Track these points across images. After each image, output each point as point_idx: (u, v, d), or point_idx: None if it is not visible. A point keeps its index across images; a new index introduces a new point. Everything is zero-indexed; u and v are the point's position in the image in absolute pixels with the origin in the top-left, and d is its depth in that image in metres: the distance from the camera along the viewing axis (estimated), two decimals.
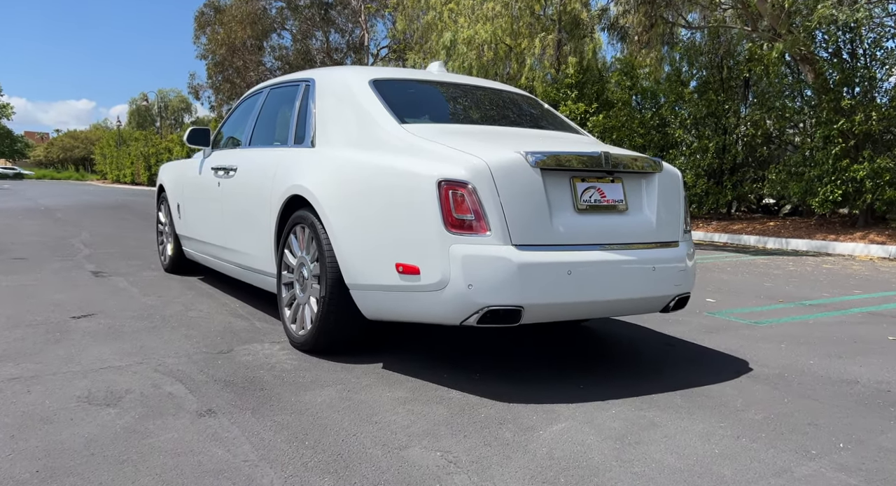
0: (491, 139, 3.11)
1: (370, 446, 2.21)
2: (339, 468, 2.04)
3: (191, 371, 2.96)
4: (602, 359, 3.48)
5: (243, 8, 22.11)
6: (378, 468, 2.04)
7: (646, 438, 2.38)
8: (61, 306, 4.29)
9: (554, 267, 2.76)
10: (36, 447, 2.08)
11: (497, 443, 2.28)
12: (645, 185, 3.15)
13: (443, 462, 2.11)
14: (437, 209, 2.72)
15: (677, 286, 3.13)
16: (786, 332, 4.26)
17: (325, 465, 2.05)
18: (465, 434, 2.36)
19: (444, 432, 2.37)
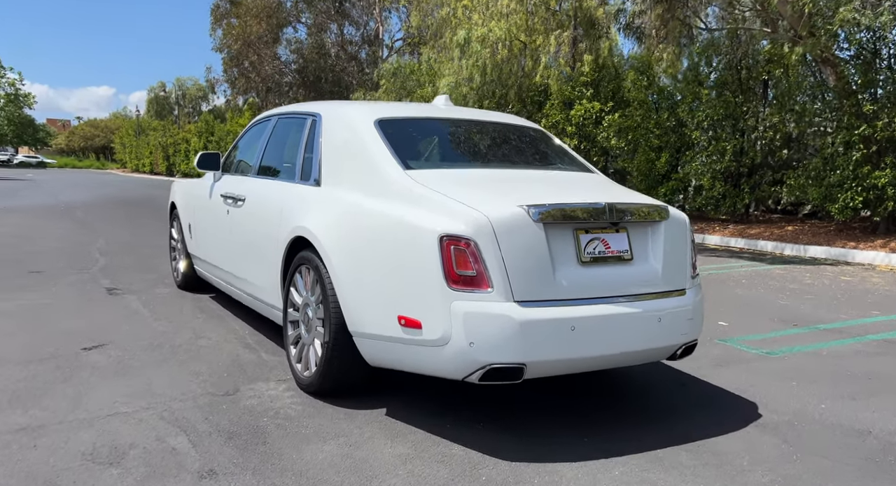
0: (495, 188, 3.08)
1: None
2: None
3: (195, 419, 2.98)
4: (609, 401, 3.45)
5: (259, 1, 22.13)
6: None
7: None
8: (73, 335, 4.33)
9: (557, 323, 2.73)
10: None
11: None
12: (651, 233, 3.10)
13: None
14: (439, 264, 2.70)
15: (684, 335, 3.09)
16: (798, 365, 4.19)
17: None
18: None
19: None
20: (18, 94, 67.06)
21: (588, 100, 13.97)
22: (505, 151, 3.89)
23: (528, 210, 2.76)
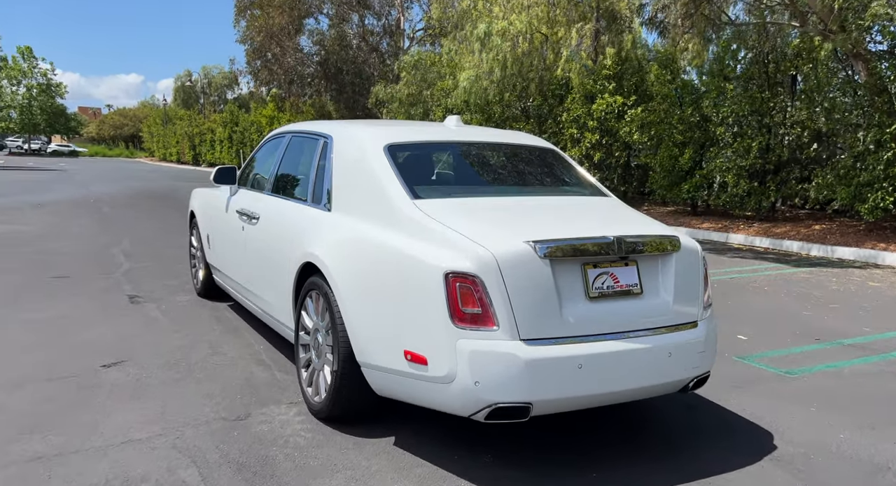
0: (504, 219, 3.05)
1: None
2: None
3: (206, 448, 3.03)
4: (618, 432, 3.42)
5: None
6: None
7: None
8: (93, 349, 4.42)
9: (564, 362, 2.71)
10: None
11: None
12: (661, 265, 3.05)
13: None
14: (444, 302, 2.69)
15: (696, 368, 3.05)
16: (818, 386, 4.12)
17: None
18: None
19: None
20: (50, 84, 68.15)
21: (610, 94, 13.78)
22: (516, 175, 3.86)
23: (535, 246, 2.73)
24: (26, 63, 65.91)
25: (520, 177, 3.85)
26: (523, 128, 16.32)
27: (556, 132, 15.43)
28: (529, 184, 3.80)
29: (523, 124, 16.37)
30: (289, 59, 23.60)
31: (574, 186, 3.83)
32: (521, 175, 3.86)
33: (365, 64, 23.31)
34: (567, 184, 3.84)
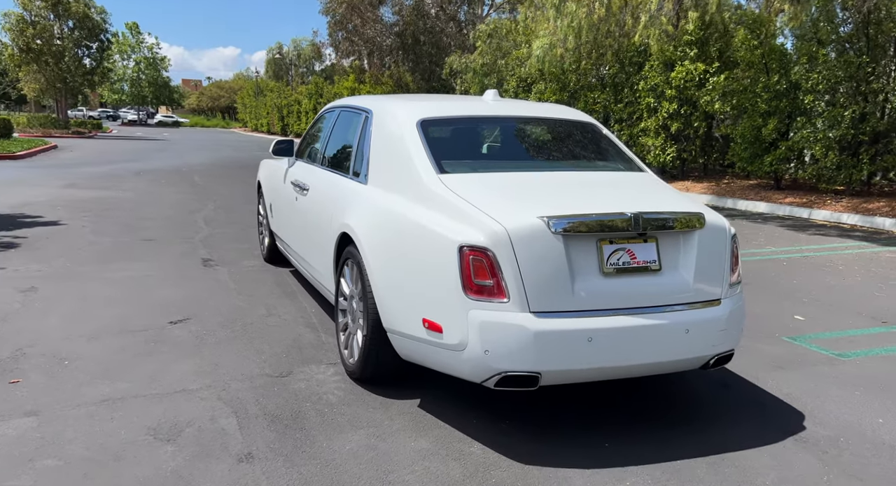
0: (525, 194, 3.11)
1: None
2: None
3: (247, 401, 3.32)
4: (645, 404, 3.47)
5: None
6: None
7: None
8: (164, 307, 4.85)
9: (573, 334, 2.78)
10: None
11: None
12: (683, 242, 3.04)
13: None
14: (458, 274, 2.81)
15: (715, 346, 3.05)
16: (870, 371, 3.98)
17: None
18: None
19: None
20: (156, 57, 71.93)
21: (691, 61, 13.19)
22: (549, 149, 3.88)
23: (548, 222, 2.80)
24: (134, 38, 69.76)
25: (552, 152, 3.87)
26: (599, 97, 15.93)
27: (632, 102, 14.97)
28: (561, 159, 3.82)
29: (599, 93, 15.97)
30: (368, 30, 23.91)
31: (609, 161, 3.82)
32: (553, 150, 3.89)
33: (442, 34, 23.28)
34: (602, 159, 3.83)
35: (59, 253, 6.57)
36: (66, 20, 43.37)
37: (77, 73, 42.52)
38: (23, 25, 40.74)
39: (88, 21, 44.03)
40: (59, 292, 5.15)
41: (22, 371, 3.57)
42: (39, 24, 41.37)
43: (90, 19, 44.23)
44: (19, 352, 3.85)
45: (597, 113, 16.09)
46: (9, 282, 5.42)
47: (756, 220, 10.57)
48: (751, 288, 5.90)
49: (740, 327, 3.20)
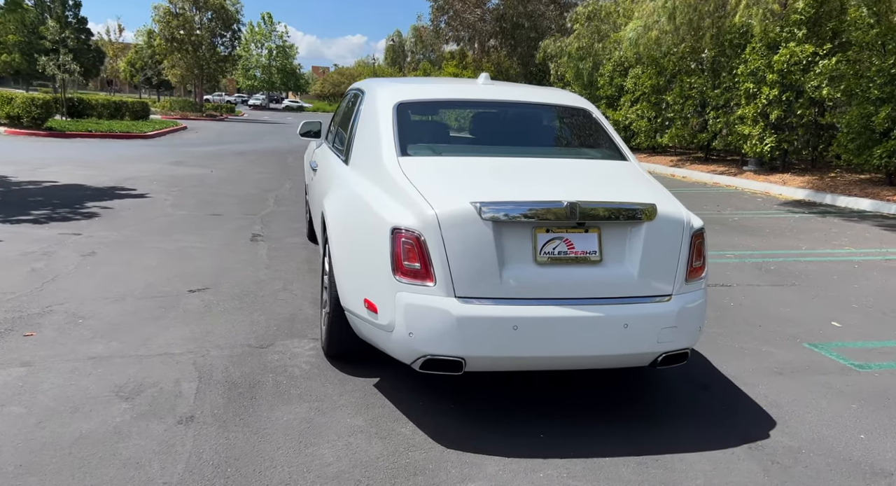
0: (470, 179, 3.05)
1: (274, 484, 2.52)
2: None
3: (218, 368, 3.50)
4: (606, 397, 3.33)
5: None
6: None
7: None
8: (193, 276, 5.19)
9: (497, 322, 2.72)
10: (43, 439, 2.74)
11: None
12: (630, 234, 2.86)
13: None
14: (389, 256, 2.82)
15: (661, 344, 2.87)
16: (882, 385, 3.61)
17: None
18: (370, 484, 2.54)
19: (355, 476, 2.58)
20: (285, 45, 75.84)
21: (798, 42, 12.10)
22: (526, 135, 3.75)
23: (479, 208, 2.74)
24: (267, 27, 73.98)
25: (530, 137, 3.74)
26: (695, 82, 15.02)
27: (731, 87, 13.99)
28: (537, 144, 3.69)
29: (695, 78, 15.06)
30: (469, 14, 23.87)
31: (591, 148, 3.65)
32: (532, 135, 3.75)
33: (542, 17, 22.79)
34: (584, 145, 3.66)
35: (133, 223, 7.19)
36: (204, 12, 46.68)
37: (212, 60, 45.71)
38: (169, 17, 44.35)
39: (223, 12, 47.20)
40: (111, 258, 5.64)
41: (40, 326, 3.98)
42: (182, 16, 44.88)
43: (225, 10, 47.37)
44: (47, 309, 4.28)
45: (693, 99, 15.20)
46: (77, 247, 6.01)
47: (851, 218, 9.63)
48: (798, 289, 5.44)
49: (697, 326, 2.98)
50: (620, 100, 18.24)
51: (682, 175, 14.83)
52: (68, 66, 23.13)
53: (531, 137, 3.78)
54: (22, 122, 19.82)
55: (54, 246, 5.96)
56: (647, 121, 17.07)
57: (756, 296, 5.26)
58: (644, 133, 17.27)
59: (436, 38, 26.46)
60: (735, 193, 12.34)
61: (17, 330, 3.88)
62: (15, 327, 3.92)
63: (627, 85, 17.54)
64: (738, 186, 13.01)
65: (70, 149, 15.48)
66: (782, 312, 4.85)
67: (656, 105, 16.62)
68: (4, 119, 20.12)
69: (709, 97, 14.71)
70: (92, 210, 7.85)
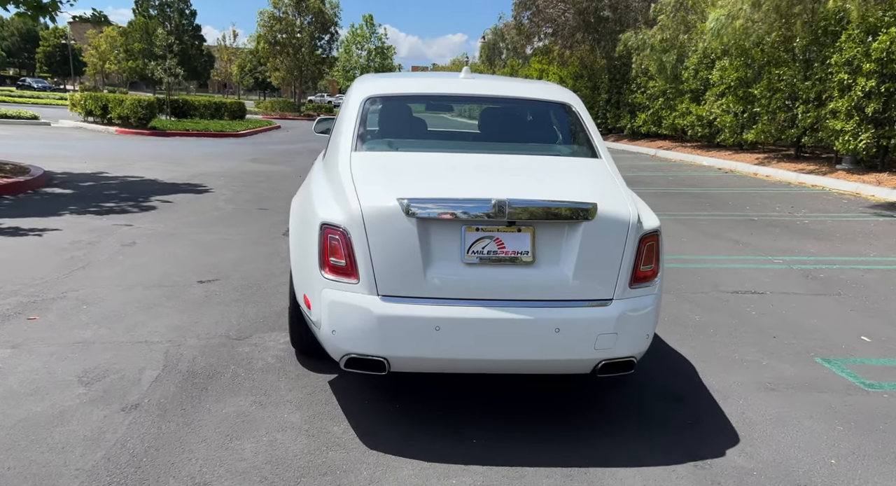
0: (411, 176, 2.93)
1: (179, 480, 2.53)
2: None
3: (187, 357, 3.57)
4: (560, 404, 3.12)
5: None
6: None
7: None
8: (213, 267, 5.35)
9: (419, 322, 2.60)
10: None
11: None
12: (566, 235, 2.65)
13: None
14: (318, 252, 2.77)
15: (599, 351, 2.64)
16: (885, 408, 3.22)
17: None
18: (275, 482, 2.49)
19: (264, 473, 2.55)
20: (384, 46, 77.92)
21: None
22: (493, 130, 3.57)
23: (404, 204, 2.62)
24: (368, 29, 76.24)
25: (498, 132, 3.55)
26: (784, 74, 13.91)
27: (823, 78, 12.84)
28: (500, 140, 3.50)
29: (784, 69, 13.95)
30: (551, 9, 23.32)
31: (561, 144, 3.43)
32: (499, 130, 3.57)
33: (628, 10, 21.88)
34: (553, 141, 3.45)
35: (182, 216, 7.54)
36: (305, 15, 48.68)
37: (310, 62, 47.57)
38: (273, 21, 46.62)
39: (322, 16, 49.03)
40: (146, 249, 5.93)
41: (47, 310, 4.22)
42: (285, 20, 47.06)
43: (324, 14, 49.18)
44: (62, 294, 4.55)
45: (781, 92, 14.10)
46: (121, 237, 6.37)
47: None
48: (840, 299, 4.92)
49: (643, 334, 2.73)
50: (706, 94, 17.24)
51: (766, 174, 13.81)
52: (173, 70, 24.82)
53: (501, 133, 3.60)
54: (130, 122, 21.42)
55: (103, 236, 6.35)
56: (732, 116, 16.03)
57: (786, 305, 4.78)
58: (729, 129, 16.23)
59: (517, 35, 26.02)
60: (820, 193, 11.35)
61: (25, 314, 4.14)
62: (24, 311, 4.18)
63: (713, 78, 16.53)
64: (826, 186, 11.96)
65: (164, 147, 16.51)
66: (809, 323, 4.38)
67: (743, 99, 15.57)
68: (117, 120, 21.82)
69: (798, 90, 13.60)
70: (152, 203, 8.32)
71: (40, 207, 7.67)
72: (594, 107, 26.17)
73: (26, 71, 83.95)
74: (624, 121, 23.43)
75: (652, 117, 20.86)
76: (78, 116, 23.88)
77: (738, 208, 9.40)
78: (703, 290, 5.15)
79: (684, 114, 18.47)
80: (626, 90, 23.02)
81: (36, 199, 8.28)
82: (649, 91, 20.70)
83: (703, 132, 17.84)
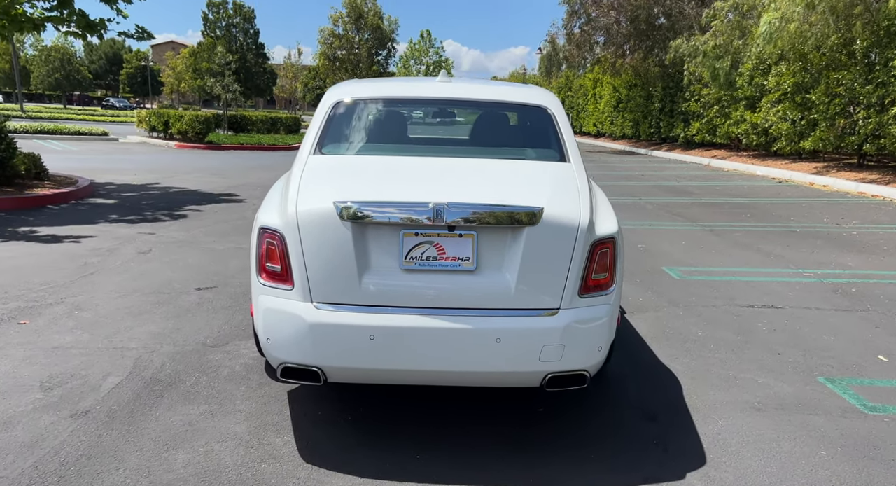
0: (357, 179, 2.80)
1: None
2: None
3: (156, 364, 3.55)
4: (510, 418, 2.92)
5: None
6: None
7: None
8: (216, 275, 5.37)
9: (352, 330, 2.47)
10: None
11: None
12: (511, 240, 2.47)
13: None
14: (256, 257, 2.69)
15: (546, 363, 2.45)
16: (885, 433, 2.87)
17: None
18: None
19: (189, 485, 2.46)
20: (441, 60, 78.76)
21: None
22: (460, 134, 3.42)
23: (339, 207, 2.50)
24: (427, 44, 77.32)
25: (464, 136, 3.40)
26: (843, 77, 13.11)
27: (885, 82, 12.03)
28: (469, 143, 3.34)
29: (844, 73, 13.16)
30: (603, 18, 22.83)
31: (528, 148, 3.25)
32: (468, 133, 3.41)
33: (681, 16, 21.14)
34: (522, 145, 3.27)
35: (206, 225, 7.67)
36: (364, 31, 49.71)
37: (368, 77, 48.66)
38: (333, 38, 47.78)
39: (380, 31, 49.93)
40: (160, 256, 6.02)
41: (39, 315, 4.29)
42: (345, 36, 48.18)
43: (382, 30, 50.08)
44: (60, 300, 4.63)
45: (841, 97, 13.31)
46: (140, 245, 6.50)
47: None
48: (865, 316, 4.52)
49: (595, 346, 2.51)
50: (762, 100, 16.47)
51: (823, 184, 13.01)
52: (231, 87, 25.70)
53: (469, 137, 3.45)
54: (189, 136, 22.26)
55: (124, 244, 6.50)
56: (789, 123, 15.23)
57: (804, 321, 4.40)
58: (785, 137, 15.42)
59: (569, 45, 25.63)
60: (879, 204, 10.59)
61: (17, 318, 4.23)
62: (18, 316, 4.27)
63: (769, 84, 15.78)
64: (888, 196, 11.15)
65: (216, 159, 17.02)
66: (823, 341, 4.00)
67: (800, 105, 14.78)
68: (177, 135, 22.74)
69: (859, 94, 12.79)
70: (184, 212, 8.51)
71: (79, 216, 7.95)
72: (647, 116, 25.49)
73: (111, 92, 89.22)
74: (678, 130, 22.70)
75: (706, 126, 20.11)
76: (143, 131, 25.02)
77: (782, 219, 8.85)
78: (715, 303, 4.81)
79: (739, 121, 17.72)
80: (679, 98, 22.32)
81: (79, 209, 8.60)
82: (703, 99, 19.98)
83: (758, 141, 17.04)
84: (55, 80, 74.74)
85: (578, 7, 23.73)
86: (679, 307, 4.68)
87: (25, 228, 7.13)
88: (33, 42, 79.43)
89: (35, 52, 79.27)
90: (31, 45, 79.65)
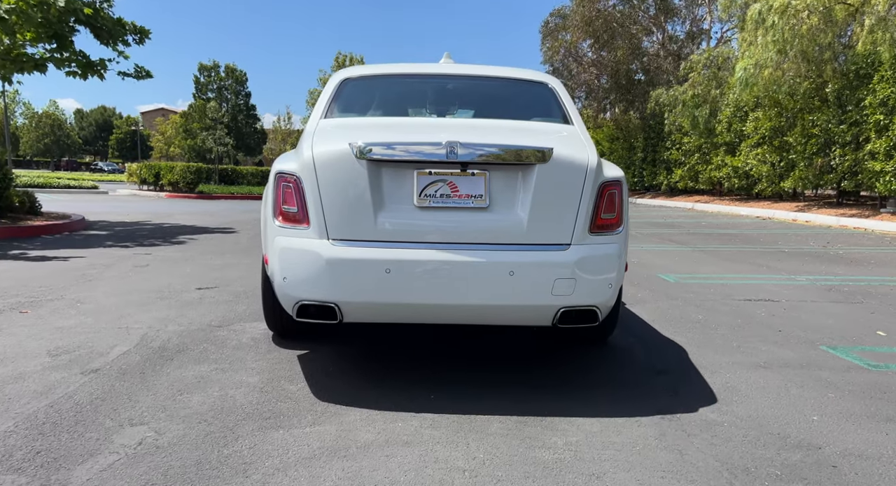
0: (370, 131, 2.92)
1: (115, 421, 2.45)
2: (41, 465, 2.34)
3: (161, 338, 3.53)
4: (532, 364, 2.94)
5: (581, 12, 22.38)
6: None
7: (351, 453, 2.07)
8: (214, 280, 5.37)
9: (368, 264, 2.52)
10: None
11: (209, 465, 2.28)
12: (522, 179, 2.58)
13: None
14: (273, 201, 2.76)
15: (559, 297, 2.50)
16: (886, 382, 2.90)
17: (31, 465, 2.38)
18: (213, 423, 2.39)
19: (206, 417, 2.45)
20: None
21: None
22: (466, 103, 3.57)
23: (353, 147, 2.60)
24: None
25: (470, 104, 3.56)
26: (817, 119, 13.68)
27: (859, 121, 12.56)
28: (475, 109, 3.49)
29: (818, 115, 13.73)
30: (583, 74, 23.81)
31: (532, 113, 3.39)
32: (474, 102, 3.57)
33: (659, 70, 22.13)
34: (527, 111, 3.41)
35: (201, 248, 7.69)
36: None
37: None
38: None
39: None
40: (158, 268, 6.02)
41: (40, 306, 4.26)
42: None
43: None
44: (60, 296, 4.60)
45: (816, 137, 13.83)
46: (137, 260, 6.50)
47: None
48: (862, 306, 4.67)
49: (605, 282, 2.57)
50: (741, 145, 17.06)
51: (805, 219, 13.35)
52: (223, 140, 26.15)
53: (473, 105, 3.60)
54: (179, 187, 22.45)
55: (121, 260, 6.50)
56: (769, 166, 15.74)
57: (801, 310, 4.49)
58: (766, 178, 15.90)
59: None
60: (861, 234, 10.87)
61: (18, 308, 4.21)
62: (19, 307, 4.25)
63: (747, 129, 16.38)
64: (869, 227, 11.46)
65: (208, 205, 17.13)
66: (822, 322, 4.09)
67: (778, 148, 15.32)
68: (168, 186, 22.92)
69: (834, 134, 13.31)
70: (179, 240, 8.53)
71: (74, 243, 7.96)
72: (630, 166, 26.15)
73: (100, 157, 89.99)
74: (661, 178, 23.28)
75: (688, 173, 20.67)
76: (134, 185, 25.20)
77: (770, 243, 9.05)
78: (712, 298, 4.89)
79: (720, 166, 18.26)
80: (660, 147, 23.02)
81: (74, 238, 8.60)
82: (684, 147, 20.63)
83: (739, 184, 17.54)
84: (45, 145, 75.44)
85: (560, 65, 24.73)
86: (678, 300, 4.76)
87: (20, 251, 7.12)
88: (24, 111, 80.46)
89: (25, 120, 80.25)
90: (22, 114, 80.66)
